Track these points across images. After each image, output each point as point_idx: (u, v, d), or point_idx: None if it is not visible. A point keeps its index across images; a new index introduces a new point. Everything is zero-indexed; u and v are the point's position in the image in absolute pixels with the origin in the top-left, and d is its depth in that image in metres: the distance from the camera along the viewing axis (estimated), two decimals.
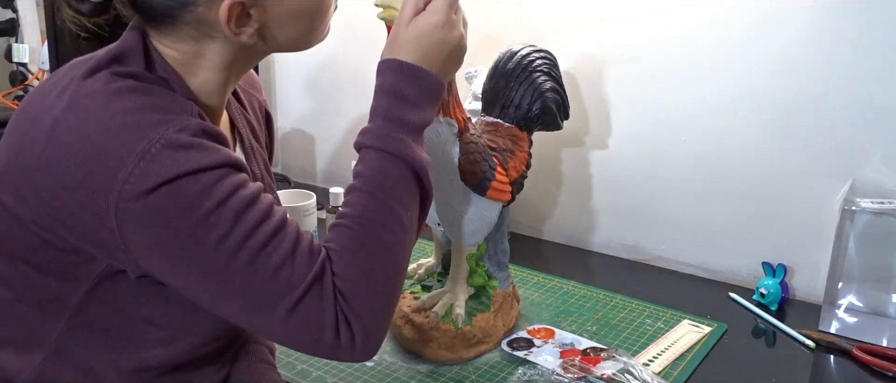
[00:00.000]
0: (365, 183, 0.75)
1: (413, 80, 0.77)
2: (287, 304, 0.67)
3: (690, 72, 1.24)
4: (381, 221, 0.73)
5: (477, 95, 1.26)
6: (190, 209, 0.64)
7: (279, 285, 0.67)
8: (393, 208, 0.74)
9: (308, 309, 0.68)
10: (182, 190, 0.64)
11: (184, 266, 0.66)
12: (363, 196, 0.74)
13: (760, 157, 1.21)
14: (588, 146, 1.38)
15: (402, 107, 0.77)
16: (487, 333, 1.02)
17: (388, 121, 0.76)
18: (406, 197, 0.76)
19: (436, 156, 0.94)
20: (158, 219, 0.64)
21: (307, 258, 0.69)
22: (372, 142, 0.76)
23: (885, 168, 1.11)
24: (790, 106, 1.16)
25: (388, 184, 0.75)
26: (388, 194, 0.74)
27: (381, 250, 0.73)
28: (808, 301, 1.20)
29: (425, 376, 0.97)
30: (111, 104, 0.66)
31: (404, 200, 0.75)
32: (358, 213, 0.73)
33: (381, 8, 0.90)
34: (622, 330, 1.09)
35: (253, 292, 0.67)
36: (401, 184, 0.75)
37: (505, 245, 1.09)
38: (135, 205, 0.63)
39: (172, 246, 0.65)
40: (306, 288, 0.68)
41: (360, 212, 0.73)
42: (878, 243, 1.06)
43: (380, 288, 0.72)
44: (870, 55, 1.09)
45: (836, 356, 1.04)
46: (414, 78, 0.77)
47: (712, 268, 1.30)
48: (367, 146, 0.76)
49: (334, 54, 1.68)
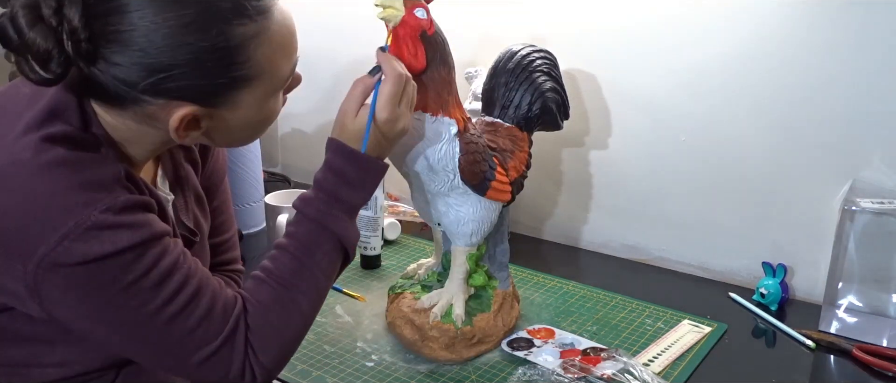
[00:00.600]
0: (295, 247, 0.80)
1: (355, 164, 0.83)
2: (199, 357, 0.73)
3: (691, 72, 1.23)
4: (303, 287, 0.79)
5: (477, 95, 1.26)
6: (111, 283, 0.68)
7: (194, 342, 0.72)
8: (316, 277, 0.80)
9: (218, 361, 0.74)
10: (104, 267, 0.67)
11: (101, 324, 0.70)
12: (291, 260, 0.80)
13: (760, 157, 1.21)
14: (588, 146, 1.38)
15: (341, 187, 0.83)
16: (487, 333, 1.02)
17: (328, 197, 0.82)
18: (330, 268, 0.82)
19: (436, 156, 0.94)
20: (79, 289, 0.67)
21: (221, 317, 0.74)
22: (310, 212, 0.82)
23: (885, 168, 1.11)
24: (790, 106, 1.16)
25: (317, 255, 0.81)
26: (314, 264, 0.80)
27: (297, 313, 0.79)
28: (808, 301, 1.20)
29: (425, 376, 0.97)
30: (38, 181, 0.66)
31: (328, 271, 0.82)
32: (282, 275, 0.79)
33: (380, 8, 0.90)
34: (622, 330, 1.09)
35: (167, 349, 0.72)
36: (328, 257, 0.82)
37: (505, 245, 1.09)
38: (55, 275, 0.66)
39: (91, 308, 0.69)
40: (219, 344, 0.73)
41: (284, 274, 0.79)
42: (878, 243, 1.06)
43: (288, 343, 0.79)
44: (870, 55, 1.09)
45: (836, 356, 1.04)
46: (356, 162, 0.83)
47: (712, 268, 1.30)
48: (304, 214, 0.82)
49: (334, 54, 1.68)
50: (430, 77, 0.93)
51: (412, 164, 0.96)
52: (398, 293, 1.09)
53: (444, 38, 0.95)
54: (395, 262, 1.33)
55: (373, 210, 1.28)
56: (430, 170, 0.95)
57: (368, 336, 1.07)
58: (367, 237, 1.29)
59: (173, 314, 0.70)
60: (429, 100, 0.93)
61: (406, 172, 0.99)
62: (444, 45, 0.94)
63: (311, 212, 0.82)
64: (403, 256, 1.36)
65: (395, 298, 1.09)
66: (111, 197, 0.68)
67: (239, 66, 0.70)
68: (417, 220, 1.51)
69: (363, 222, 1.29)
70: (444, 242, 1.10)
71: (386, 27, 0.92)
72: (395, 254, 1.37)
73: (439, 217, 1.03)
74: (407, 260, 1.33)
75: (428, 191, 1.00)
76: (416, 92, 0.90)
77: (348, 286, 1.23)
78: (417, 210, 1.07)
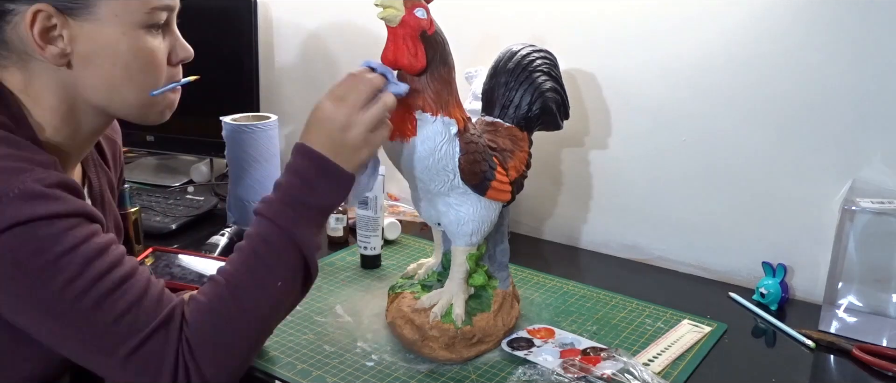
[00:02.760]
0: (246, 246, 0.79)
1: (320, 171, 0.81)
2: (128, 348, 0.70)
3: (691, 72, 1.24)
4: (248, 285, 0.76)
5: (477, 95, 1.26)
6: (40, 251, 0.66)
7: (122, 329, 0.69)
8: (264, 276, 0.77)
9: (148, 353, 0.70)
10: (34, 232, 0.66)
11: (28, 305, 0.68)
12: (241, 258, 0.78)
13: (760, 157, 1.21)
14: (588, 146, 1.38)
15: (303, 190, 0.80)
16: (487, 333, 1.02)
17: (288, 198, 0.80)
18: (281, 268, 0.79)
19: (436, 156, 0.94)
20: (7, 259, 0.66)
21: (155, 304, 0.72)
22: (266, 211, 0.80)
23: (885, 168, 1.11)
24: (790, 106, 1.16)
25: (266, 252, 0.78)
26: (263, 262, 0.77)
27: (239, 312, 0.75)
28: (808, 301, 1.20)
29: (425, 376, 0.97)
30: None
31: (278, 271, 0.78)
32: (230, 272, 0.77)
33: (381, 8, 0.90)
34: (622, 330, 1.09)
35: (96, 334, 0.69)
36: (281, 255, 0.78)
37: (505, 245, 1.09)
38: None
39: (19, 285, 0.67)
40: (150, 332, 0.70)
41: (232, 270, 0.77)
42: (878, 243, 1.06)
43: (228, 347, 0.75)
44: (870, 55, 1.09)
45: (836, 356, 1.04)
46: (322, 169, 0.81)
47: (712, 268, 1.30)
48: (260, 213, 0.80)
49: (335, 54, 1.68)
50: (430, 77, 0.93)
51: (412, 164, 0.96)
52: (398, 293, 1.09)
53: (444, 38, 0.95)
54: (395, 262, 1.33)
55: (373, 210, 1.28)
56: (430, 170, 0.95)
57: (368, 336, 1.07)
58: (367, 237, 1.29)
59: (101, 295, 0.68)
60: (429, 100, 0.93)
61: (406, 172, 0.99)
62: (444, 45, 0.94)
63: (264, 209, 0.80)
64: (403, 256, 1.36)
65: (395, 298, 1.09)
66: (45, 171, 0.69)
67: None
68: (417, 220, 1.51)
69: (363, 222, 1.29)
70: (444, 242, 1.10)
71: (386, 27, 0.92)
72: (395, 254, 1.37)
73: (439, 217, 1.03)
74: (407, 260, 1.33)
75: (428, 191, 1.00)
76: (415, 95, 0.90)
77: (349, 286, 1.23)
78: (417, 210, 1.07)
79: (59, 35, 0.75)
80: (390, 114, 0.88)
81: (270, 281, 0.78)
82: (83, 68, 0.77)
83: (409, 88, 0.90)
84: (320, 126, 0.82)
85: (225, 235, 1.34)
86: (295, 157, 0.82)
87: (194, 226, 1.47)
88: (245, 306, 0.76)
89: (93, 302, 0.68)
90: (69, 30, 0.75)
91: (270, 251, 0.78)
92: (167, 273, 1.17)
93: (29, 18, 0.72)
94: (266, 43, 1.75)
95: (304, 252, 0.80)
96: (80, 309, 0.68)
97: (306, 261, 0.80)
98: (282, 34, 1.77)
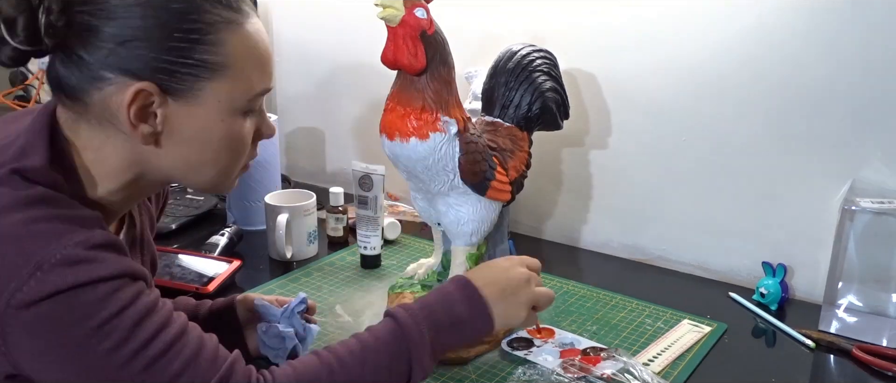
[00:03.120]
0: (366, 345, 0.77)
1: (470, 305, 0.81)
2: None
3: (691, 72, 1.24)
4: (350, 378, 0.75)
5: (477, 95, 1.26)
6: (85, 317, 0.63)
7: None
8: (367, 378, 0.75)
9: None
10: (78, 298, 0.63)
11: (73, 374, 0.64)
12: (353, 352, 0.76)
13: (760, 157, 1.21)
14: (588, 146, 1.38)
15: (445, 317, 0.80)
16: None
17: (427, 315, 0.79)
18: (387, 377, 0.77)
19: (436, 155, 0.94)
20: (50, 328, 0.63)
21: (210, 363, 0.69)
22: (401, 317, 0.78)
23: (885, 168, 1.11)
24: (790, 106, 1.16)
25: (381, 358, 0.76)
26: (374, 365, 0.76)
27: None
28: (808, 301, 1.20)
29: None
30: (14, 212, 0.64)
31: (382, 378, 0.77)
32: (339, 354, 0.75)
33: (381, 7, 0.90)
34: (622, 330, 1.09)
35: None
36: (391, 369, 0.77)
37: (505, 245, 1.09)
38: (24, 313, 0.62)
39: (63, 353, 0.64)
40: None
41: (341, 354, 0.75)
42: (878, 243, 1.06)
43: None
44: (870, 55, 1.09)
45: (836, 356, 1.04)
46: (472, 303, 0.81)
47: (712, 267, 1.30)
48: (395, 317, 0.79)
49: (335, 54, 1.68)
50: (430, 77, 0.93)
51: (412, 164, 0.96)
52: (398, 293, 1.09)
53: (444, 37, 0.95)
54: (395, 262, 1.33)
55: (373, 210, 1.28)
56: (430, 170, 0.96)
57: None
58: (367, 237, 1.29)
59: (153, 357, 0.65)
60: (429, 100, 0.93)
61: (406, 172, 0.99)
62: (444, 45, 0.95)
63: (402, 317, 0.78)
64: (403, 256, 1.36)
65: (395, 298, 1.09)
66: (87, 232, 0.65)
67: (207, 48, 0.69)
68: (417, 220, 1.51)
69: (363, 222, 1.29)
70: (444, 242, 1.10)
71: (386, 27, 0.92)
72: (395, 253, 1.37)
73: (439, 217, 1.03)
74: (407, 260, 1.33)
75: (428, 191, 1.00)
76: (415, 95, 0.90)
77: (349, 286, 1.23)
78: (417, 210, 1.07)
79: (154, 113, 0.70)
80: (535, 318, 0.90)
81: (370, 379, 0.76)
82: (168, 147, 0.73)
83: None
84: (490, 271, 0.84)
85: (225, 235, 1.34)
86: (454, 284, 0.83)
87: (194, 226, 1.47)
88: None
89: (142, 367, 0.65)
90: (165, 110, 0.70)
91: (387, 363, 0.77)
92: (167, 273, 1.17)
93: (129, 97, 0.67)
94: None
95: (412, 373, 0.78)
96: (131, 375, 0.65)
97: (409, 378, 0.79)
98: (282, 35, 1.77)
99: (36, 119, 0.72)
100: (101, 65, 0.67)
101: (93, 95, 0.69)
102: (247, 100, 0.74)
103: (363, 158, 1.32)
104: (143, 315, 0.65)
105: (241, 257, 1.28)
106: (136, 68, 0.67)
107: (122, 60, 0.67)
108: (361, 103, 1.67)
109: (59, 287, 0.62)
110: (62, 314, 0.62)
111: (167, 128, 0.71)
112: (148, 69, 0.68)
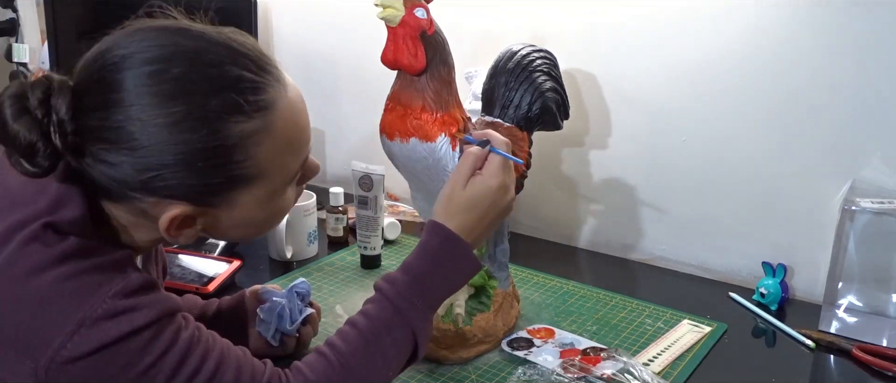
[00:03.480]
0: (366, 328, 0.77)
1: (455, 257, 0.80)
2: None
3: (691, 72, 1.24)
4: (363, 371, 0.76)
5: (477, 95, 1.26)
6: (130, 365, 0.64)
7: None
8: (379, 363, 0.77)
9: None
10: (121, 349, 0.64)
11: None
12: (358, 339, 0.77)
13: (760, 157, 1.21)
14: (588, 146, 1.38)
15: (433, 278, 0.80)
16: (487, 333, 1.02)
17: (416, 284, 0.79)
18: (397, 358, 0.79)
19: (436, 155, 0.94)
20: (97, 380, 0.64)
21: (250, 380, 0.71)
22: (392, 295, 0.79)
23: (885, 168, 1.11)
24: (790, 106, 1.16)
25: (386, 340, 0.77)
26: (381, 349, 0.77)
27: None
28: (808, 301, 1.20)
29: (425, 376, 0.97)
30: (50, 269, 0.64)
31: (392, 361, 0.78)
32: (345, 352, 0.76)
33: (381, 7, 0.90)
34: (622, 330, 1.09)
35: None
36: (398, 345, 0.78)
37: (505, 245, 1.09)
38: (71, 368, 0.62)
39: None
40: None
41: (347, 351, 0.76)
42: (878, 243, 1.06)
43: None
44: (871, 55, 1.09)
45: (836, 356, 1.04)
46: (456, 255, 0.80)
47: (712, 268, 1.30)
48: (386, 295, 0.79)
49: (335, 53, 1.68)
50: (430, 77, 0.93)
51: (412, 164, 0.96)
52: None
53: (444, 38, 0.95)
54: (395, 262, 1.33)
55: (373, 210, 1.28)
56: (430, 170, 0.95)
57: None
58: (367, 237, 1.29)
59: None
60: (429, 100, 0.93)
61: (406, 172, 0.99)
62: (444, 45, 0.94)
63: (390, 292, 0.79)
64: (403, 256, 1.35)
65: None
66: (123, 278, 0.66)
67: (237, 165, 0.67)
68: (417, 220, 1.51)
69: (363, 222, 1.29)
70: None
71: (386, 27, 0.92)
72: (395, 254, 1.37)
73: None
74: None
75: (428, 191, 1.00)
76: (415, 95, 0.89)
77: (349, 286, 1.23)
78: (417, 210, 1.07)
79: (193, 222, 0.70)
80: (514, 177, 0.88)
81: (384, 369, 0.77)
82: (210, 232, 0.74)
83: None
84: (469, 215, 0.82)
85: None
86: (429, 235, 0.81)
87: None
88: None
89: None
90: (205, 218, 0.70)
91: (388, 339, 0.77)
92: (167, 273, 1.17)
93: (165, 222, 0.68)
94: (265, 43, 1.75)
95: (418, 341, 0.79)
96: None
97: (417, 349, 0.80)
98: (281, 34, 1.77)
99: (67, 187, 0.69)
100: (131, 188, 0.66)
101: (133, 202, 0.68)
102: (288, 180, 0.74)
103: (363, 158, 1.32)
104: (184, 353, 0.67)
105: (241, 257, 1.28)
106: (166, 194, 0.67)
107: (151, 190, 0.66)
108: (361, 103, 1.66)
109: (103, 341, 0.63)
110: (107, 366, 0.64)
111: (208, 224, 0.72)
112: (179, 193, 0.67)
